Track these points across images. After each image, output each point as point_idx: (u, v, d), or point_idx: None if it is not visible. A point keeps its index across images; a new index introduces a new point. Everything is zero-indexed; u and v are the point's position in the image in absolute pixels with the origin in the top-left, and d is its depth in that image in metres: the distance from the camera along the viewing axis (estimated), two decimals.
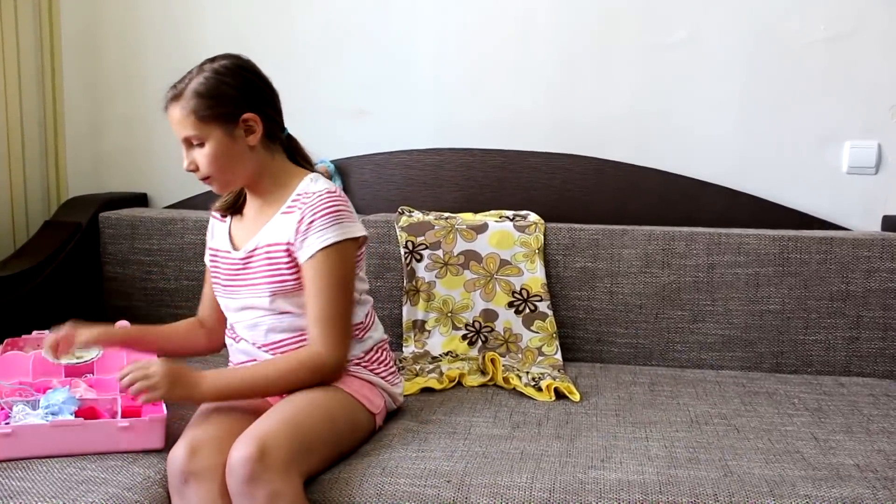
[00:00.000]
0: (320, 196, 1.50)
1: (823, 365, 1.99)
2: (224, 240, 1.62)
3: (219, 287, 1.61)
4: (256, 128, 1.51)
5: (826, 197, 2.18)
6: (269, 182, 1.57)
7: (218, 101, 1.48)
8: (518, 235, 2.06)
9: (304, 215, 1.49)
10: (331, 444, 1.45)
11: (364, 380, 1.57)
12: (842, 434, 1.60)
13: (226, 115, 1.49)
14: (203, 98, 1.48)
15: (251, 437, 1.32)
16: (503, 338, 2.03)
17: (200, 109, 1.48)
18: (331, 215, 1.49)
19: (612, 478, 1.39)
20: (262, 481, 1.28)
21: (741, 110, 2.20)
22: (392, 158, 2.29)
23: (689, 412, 1.71)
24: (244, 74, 1.52)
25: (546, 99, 2.28)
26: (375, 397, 1.57)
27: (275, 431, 1.34)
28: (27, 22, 2.35)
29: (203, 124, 1.48)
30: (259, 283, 1.54)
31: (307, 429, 1.39)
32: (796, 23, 2.14)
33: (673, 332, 2.04)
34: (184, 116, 1.49)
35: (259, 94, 1.53)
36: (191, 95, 1.48)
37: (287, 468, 1.31)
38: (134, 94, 2.49)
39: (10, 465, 1.36)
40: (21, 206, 2.36)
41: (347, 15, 2.34)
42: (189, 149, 1.52)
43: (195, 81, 1.49)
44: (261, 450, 1.29)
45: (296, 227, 1.50)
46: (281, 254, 1.52)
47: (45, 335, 1.82)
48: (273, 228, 1.54)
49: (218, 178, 1.53)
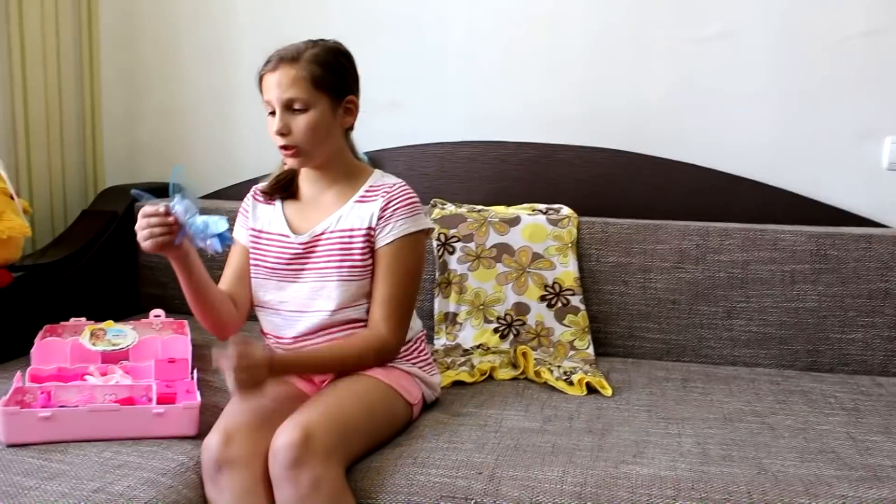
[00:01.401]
0: (402, 187, 1.58)
1: (860, 364, 1.96)
2: (280, 223, 1.61)
3: (263, 270, 1.60)
4: (355, 112, 1.59)
5: (864, 193, 2.14)
6: (339, 169, 1.60)
7: (334, 74, 1.53)
8: (551, 229, 2.05)
9: (388, 203, 1.55)
10: (370, 433, 1.46)
11: (403, 370, 1.59)
12: (879, 435, 1.57)
13: (337, 90, 1.54)
14: (321, 66, 1.51)
15: (296, 424, 1.33)
16: (535, 331, 2.03)
17: (317, 76, 1.50)
18: (412, 206, 1.57)
19: (645, 473, 1.38)
20: (306, 467, 1.30)
21: (777, 104, 2.17)
22: (425, 151, 2.29)
23: (723, 409, 1.70)
24: (351, 61, 1.59)
25: (579, 92, 2.26)
26: (413, 388, 1.59)
27: (318, 420, 1.35)
28: (67, 15, 2.38)
29: (315, 91, 1.51)
30: (326, 267, 1.55)
31: (349, 418, 1.41)
32: (834, 16, 2.10)
33: (706, 328, 2.02)
34: (298, 78, 1.50)
35: (357, 84, 1.60)
36: (311, 60, 1.51)
37: (329, 456, 1.32)
38: (169, 85, 2.52)
39: (50, 448, 1.39)
40: (59, 195, 2.40)
41: (381, 7, 2.35)
42: (285, 112, 1.51)
43: (312, 51, 1.52)
44: (305, 436, 1.31)
45: (378, 213, 1.55)
46: (358, 240, 1.55)
47: (82, 322, 1.85)
48: (348, 215, 1.57)
49: (306, 148, 1.53)
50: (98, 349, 1.72)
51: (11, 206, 1.84)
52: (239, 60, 2.45)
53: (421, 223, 1.58)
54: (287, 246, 1.59)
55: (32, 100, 2.27)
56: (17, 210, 1.86)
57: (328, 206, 1.59)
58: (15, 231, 1.80)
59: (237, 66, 2.46)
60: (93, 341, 1.73)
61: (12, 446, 1.39)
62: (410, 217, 1.56)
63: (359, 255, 1.55)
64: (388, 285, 1.54)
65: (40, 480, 1.28)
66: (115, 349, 1.73)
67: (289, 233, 1.60)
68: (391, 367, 1.57)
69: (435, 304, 2.07)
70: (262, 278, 1.61)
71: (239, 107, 2.48)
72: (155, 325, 1.91)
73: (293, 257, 1.58)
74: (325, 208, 1.59)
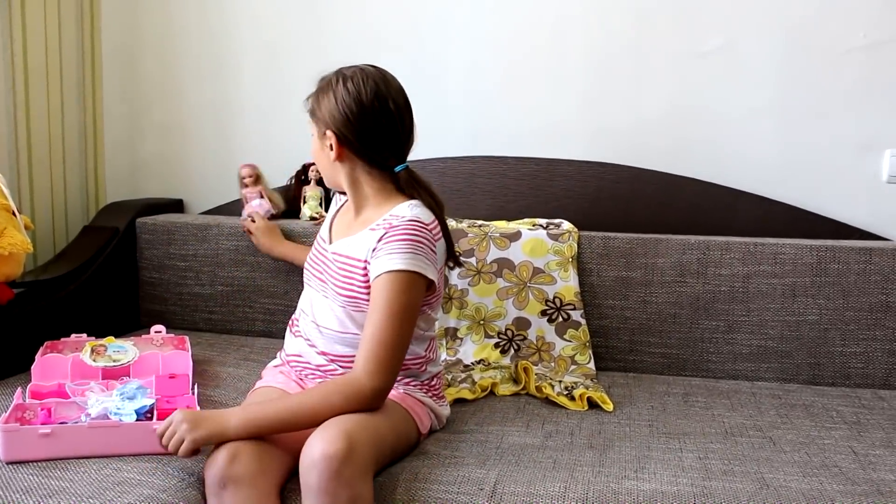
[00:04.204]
0: (408, 221, 1.47)
1: (862, 378, 1.95)
2: (326, 227, 1.66)
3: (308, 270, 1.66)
4: (334, 147, 1.51)
5: (865, 206, 2.15)
6: (363, 199, 1.57)
7: (321, 106, 1.53)
8: (551, 244, 2.06)
9: (385, 234, 1.46)
10: (392, 451, 1.45)
11: (418, 399, 1.58)
12: (882, 448, 1.57)
13: (319, 122, 1.55)
14: (317, 97, 1.55)
15: (339, 431, 1.28)
16: (536, 346, 2.02)
17: (311, 105, 1.56)
18: (409, 243, 1.44)
19: (646, 488, 1.38)
20: (347, 481, 1.25)
21: (778, 118, 2.17)
22: (426, 166, 2.29)
23: (724, 423, 1.69)
24: (358, 100, 1.49)
25: (580, 107, 2.27)
26: (425, 418, 1.58)
27: (359, 431, 1.31)
28: (69, 33, 2.40)
29: (311, 118, 1.57)
30: (336, 287, 1.54)
31: (381, 434, 1.39)
32: (835, 30, 2.11)
33: (707, 342, 2.02)
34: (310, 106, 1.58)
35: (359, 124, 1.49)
36: (318, 88, 1.56)
37: (367, 471, 1.30)
38: (170, 102, 2.53)
39: (50, 465, 1.38)
40: (61, 211, 2.41)
41: (382, 23, 2.36)
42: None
43: (330, 79, 1.54)
44: (349, 447, 1.26)
45: (375, 245, 1.47)
46: (358, 270, 1.51)
47: (83, 338, 1.85)
48: (357, 242, 1.53)
49: (319, 168, 1.62)
50: (99, 365, 1.71)
51: (13, 223, 1.85)
52: (239, 77, 2.47)
53: (414, 264, 1.43)
54: (322, 251, 1.62)
55: (35, 116, 2.28)
56: (18, 226, 1.86)
57: (354, 228, 1.58)
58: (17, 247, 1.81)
59: (237, 83, 2.47)
60: (93, 357, 1.73)
61: (12, 463, 1.38)
62: (404, 254, 1.43)
63: (360, 285, 1.50)
64: (371, 324, 1.43)
65: (40, 498, 1.27)
66: (116, 365, 1.72)
67: (327, 238, 1.63)
68: (407, 394, 1.56)
69: None
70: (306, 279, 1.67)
71: (239, 124, 2.49)
72: (156, 341, 1.90)
73: (323, 265, 1.59)
74: (350, 229, 1.59)
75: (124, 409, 1.47)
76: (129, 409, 1.47)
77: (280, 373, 1.65)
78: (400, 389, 1.57)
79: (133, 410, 1.47)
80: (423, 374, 1.60)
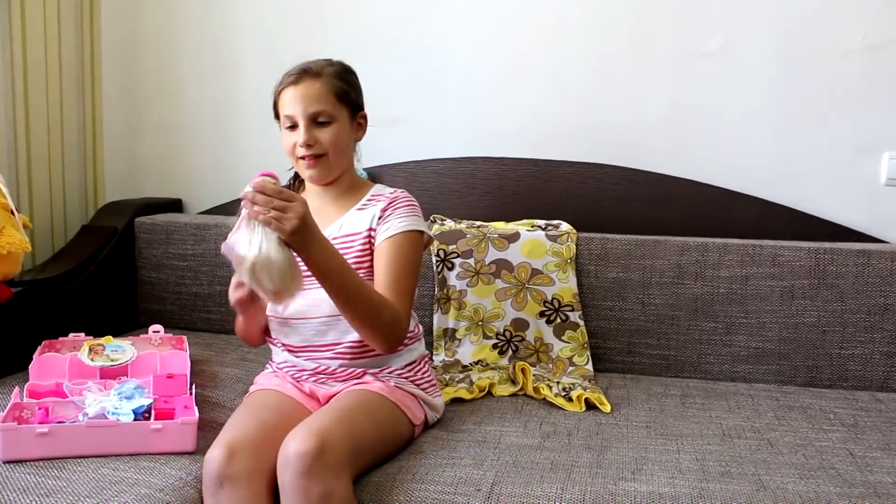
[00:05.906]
0: (404, 193, 1.66)
1: (860, 380, 1.95)
2: None
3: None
4: (365, 127, 1.68)
5: (863, 209, 2.15)
6: (346, 183, 1.67)
7: (353, 89, 1.64)
8: (550, 245, 2.06)
9: (390, 204, 1.61)
10: (377, 449, 1.46)
11: (407, 392, 1.59)
12: (879, 451, 1.57)
13: (354, 105, 1.64)
14: (343, 81, 1.61)
15: (311, 430, 1.32)
16: (534, 347, 2.03)
17: (340, 90, 1.60)
18: (411, 208, 1.63)
19: (643, 490, 1.38)
20: (318, 478, 1.28)
21: (776, 120, 2.17)
22: (425, 167, 2.30)
23: (722, 425, 1.69)
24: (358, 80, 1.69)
25: (579, 108, 2.27)
26: (417, 409, 1.59)
27: (333, 429, 1.34)
28: (69, 31, 2.40)
29: (339, 104, 1.60)
30: None
31: (360, 431, 1.40)
32: (834, 32, 2.11)
33: (705, 344, 2.02)
34: (324, 92, 1.59)
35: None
36: (333, 75, 1.60)
37: (341, 468, 1.32)
38: (170, 101, 2.53)
39: (47, 465, 1.38)
40: (60, 210, 2.41)
41: (381, 24, 2.36)
42: (310, 125, 1.58)
43: (332, 68, 1.62)
44: (320, 446, 1.29)
45: (379, 214, 1.60)
46: (360, 242, 1.60)
47: (80, 337, 1.85)
48: (349, 222, 1.63)
49: (332, 159, 1.61)
50: (96, 364, 1.71)
51: (12, 222, 1.85)
52: (239, 77, 2.47)
53: (421, 225, 1.62)
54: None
55: (34, 115, 2.28)
56: (17, 225, 1.86)
57: (330, 216, 1.63)
58: (15, 246, 1.81)
59: (237, 82, 2.47)
60: (91, 357, 1.73)
61: (9, 463, 1.38)
62: (411, 216, 1.61)
63: (360, 254, 1.59)
64: (392, 272, 1.54)
65: (37, 497, 1.27)
66: (114, 365, 1.72)
67: None
68: (396, 386, 1.57)
69: (434, 320, 2.07)
70: None
71: (239, 123, 2.49)
72: (154, 341, 1.91)
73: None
74: (327, 218, 1.61)
75: (122, 409, 1.47)
76: (127, 409, 1.47)
77: (275, 376, 1.66)
78: (391, 382, 1.57)
79: (131, 410, 1.47)
80: (412, 350, 1.65)
